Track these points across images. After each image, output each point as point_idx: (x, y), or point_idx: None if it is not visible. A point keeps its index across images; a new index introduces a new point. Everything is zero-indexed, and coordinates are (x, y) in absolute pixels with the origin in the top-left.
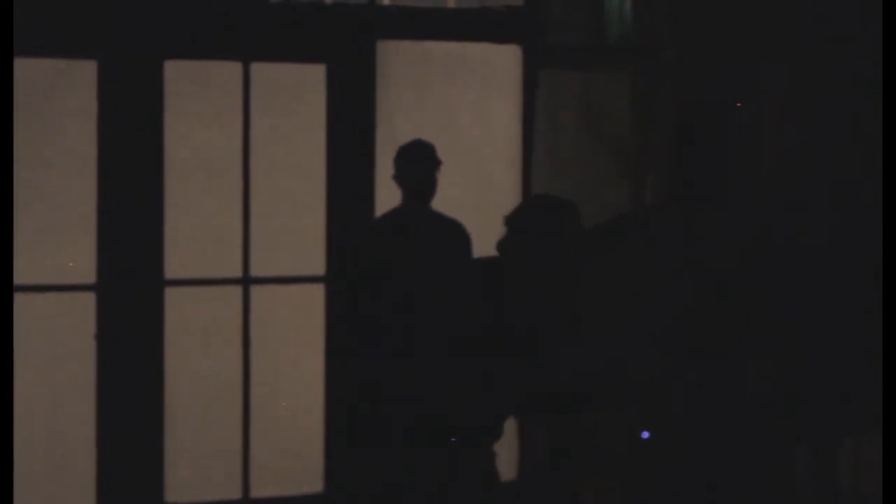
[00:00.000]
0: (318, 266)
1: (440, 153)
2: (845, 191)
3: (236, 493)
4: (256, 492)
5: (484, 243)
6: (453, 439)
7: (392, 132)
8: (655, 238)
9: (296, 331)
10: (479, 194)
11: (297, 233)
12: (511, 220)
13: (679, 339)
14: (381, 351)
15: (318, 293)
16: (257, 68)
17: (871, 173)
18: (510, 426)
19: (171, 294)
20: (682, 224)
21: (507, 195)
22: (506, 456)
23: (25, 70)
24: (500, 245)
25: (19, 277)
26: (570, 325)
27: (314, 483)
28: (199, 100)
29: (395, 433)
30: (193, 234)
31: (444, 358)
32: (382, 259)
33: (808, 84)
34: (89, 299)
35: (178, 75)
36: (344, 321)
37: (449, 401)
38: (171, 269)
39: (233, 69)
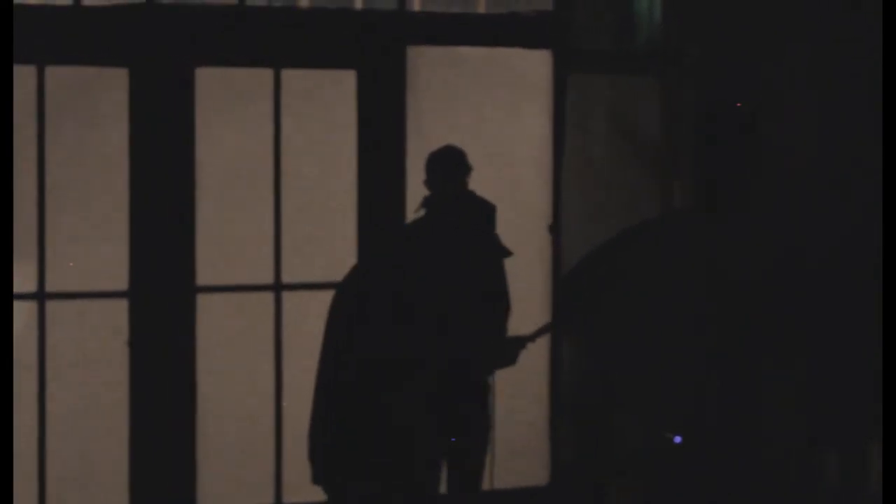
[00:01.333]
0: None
1: (470, 158)
2: (869, 194)
3: (268, 499)
4: (288, 498)
5: (514, 247)
6: (453, 439)
7: (422, 138)
8: (677, 243)
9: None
10: (509, 198)
11: (329, 239)
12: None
13: (702, 345)
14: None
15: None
16: (288, 75)
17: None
18: (542, 431)
19: (202, 301)
20: (703, 229)
21: (537, 199)
22: (537, 461)
23: (58, 78)
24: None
25: (50, 284)
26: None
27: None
28: (230, 107)
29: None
30: (225, 240)
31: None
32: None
33: (834, 85)
34: (122, 306)
35: (210, 83)
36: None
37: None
38: (203, 275)
39: (264, 76)
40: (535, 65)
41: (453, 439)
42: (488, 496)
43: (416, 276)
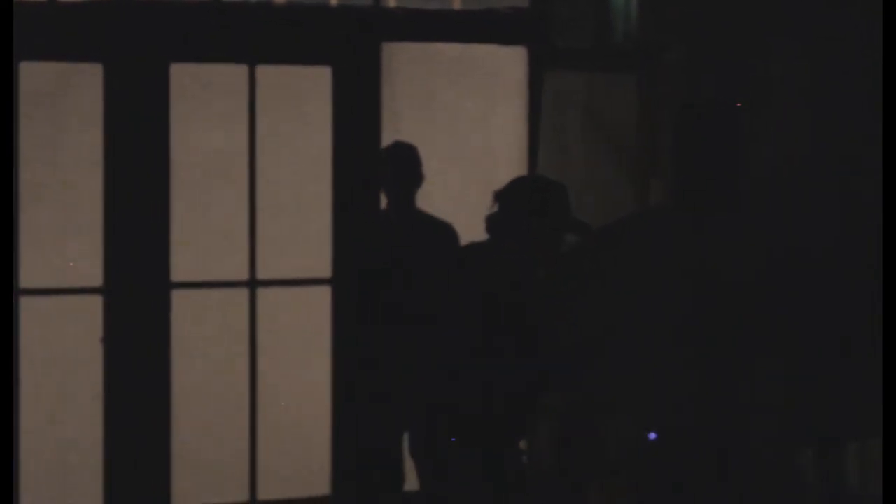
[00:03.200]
0: (324, 268)
1: (445, 154)
2: (861, 191)
3: (244, 496)
4: (263, 494)
5: None
6: (453, 439)
7: (398, 134)
8: (655, 240)
9: (302, 333)
10: (484, 195)
11: (304, 235)
12: (500, 196)
13: (679, 342)
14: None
15: (324, 295)
16: (263, 71)
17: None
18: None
19: (177, 297)
20: (684, 226)
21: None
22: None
23: (30, 73)
24: (489, 219)
25: (23, 280)
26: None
27: (321, 486)
28: (204, 103)
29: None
30: (200, 236)
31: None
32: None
33: (816, 84)
34: (96, 302)
35: (185, 78)
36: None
37: (472, 398)
38: (178, 271)
39: (238, 72)
40: (510, 62)
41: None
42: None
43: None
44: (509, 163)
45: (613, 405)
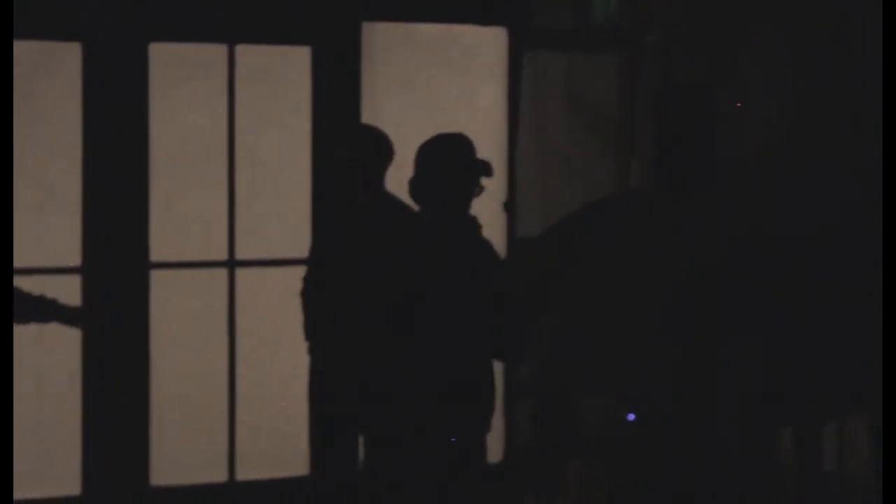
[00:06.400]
0: (302, 249)
1: (424, 135)
2: (841, 177)
3: (222, 476)
4: (242, 475)
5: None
6: (453, 439)
7: (377, 114)
8: (636, 221)
9: (281, 313)
10: None
11: (283, 216)
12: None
13: (657, 326)
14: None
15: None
16: (242, 50)
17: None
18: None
19: (156, 277)
20: (663, 207)
21: (493, 177)
22: (492, 437)
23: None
24: (410, 184)
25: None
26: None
27: (300, 466)
28: (183, 83)
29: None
30: (178, 216)
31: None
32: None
33: (792, 71)
34: (75, 282)
35: (164, 58)
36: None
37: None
38: (157, 251)
39: (218, 51)
40: (490, 42)
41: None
42: None
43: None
44: (490, 143)
45: (593, 385)
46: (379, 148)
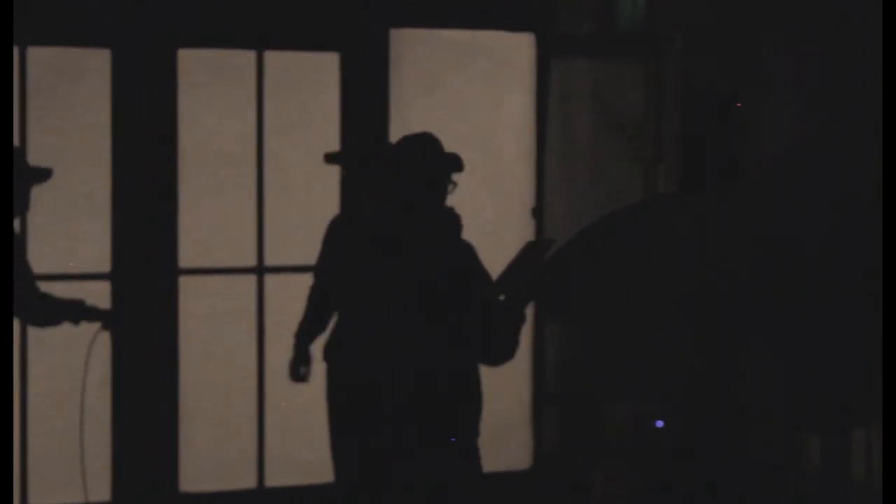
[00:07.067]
0: None
1: (453, 141)
2: (864, 182)
3: (251, 482)
4: (271, 481)
5: (496, 230)
6: (453, 439)
7: (405, 120)
8: (662, 226)
9: None
10: (492, 182)
11: (311, 221)
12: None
13: (689, 329)
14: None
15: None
16: (271, 57)
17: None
18: (524, 416)
19: (185, 283)
20: (689, 213)
21: (520, 183)
22: (520, 445)
23: (39, 59)
24: None
25: (34, 266)
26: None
27: (328, 473)
28: (212, 89)
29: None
30: (207, 222)
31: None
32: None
33: (818, 74)
34: (104, 288)
35: (193, 64)
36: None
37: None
38: (186, 258)
39: (247, 58)
40: (518, 48)
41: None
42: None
43: None
44: (517, 148)
45: (620, 392)
46: (363, 161)
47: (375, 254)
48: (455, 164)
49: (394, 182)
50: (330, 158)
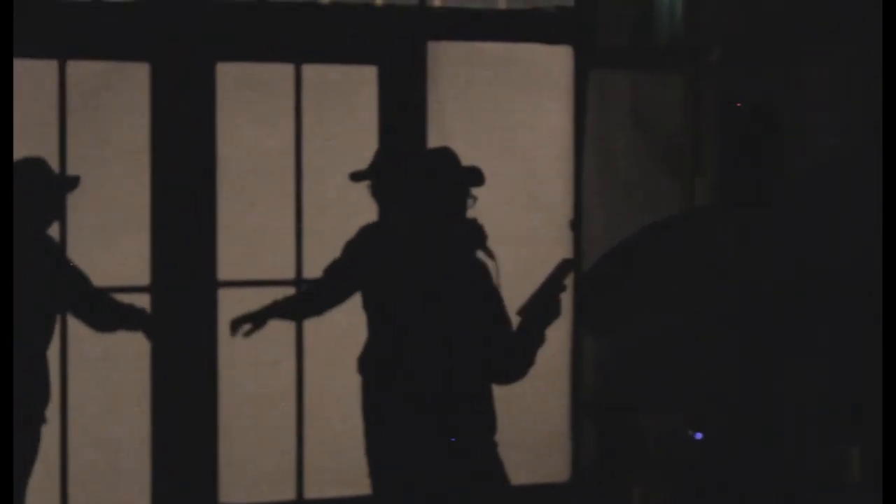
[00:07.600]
0: None
1: (491, 154)
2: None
3: (290, 494)
4: (310, 492)
5: (534, 243)
6: (453, 439)
7: (443, 133)
8: (700, 240)
9: (348, 332)
10: (530, 195)
11: (348, 234)
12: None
13: (725, 342)
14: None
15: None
16: (309, 70)
17: None
18: (563, 428)
19: (224, 295)
20: (727, 226)
21: (558, 196)
22: (558, 457)
23: (78, 72)
24: None
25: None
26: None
27: (366, 485)
28: (251, 102)
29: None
30: (246, 235)
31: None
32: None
33: (856, 85)
34: (144, 301)
35: (231, 77)
36: None
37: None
38: (225, 270)
39: (285, 71)
40: (556, 61)
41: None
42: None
43: None
44: (555, 161)
45: (659, 403)
46: (379, 174)
47: (398, 265)
48: (474, 177)
49: (406, 196)
50: (355, 177)
